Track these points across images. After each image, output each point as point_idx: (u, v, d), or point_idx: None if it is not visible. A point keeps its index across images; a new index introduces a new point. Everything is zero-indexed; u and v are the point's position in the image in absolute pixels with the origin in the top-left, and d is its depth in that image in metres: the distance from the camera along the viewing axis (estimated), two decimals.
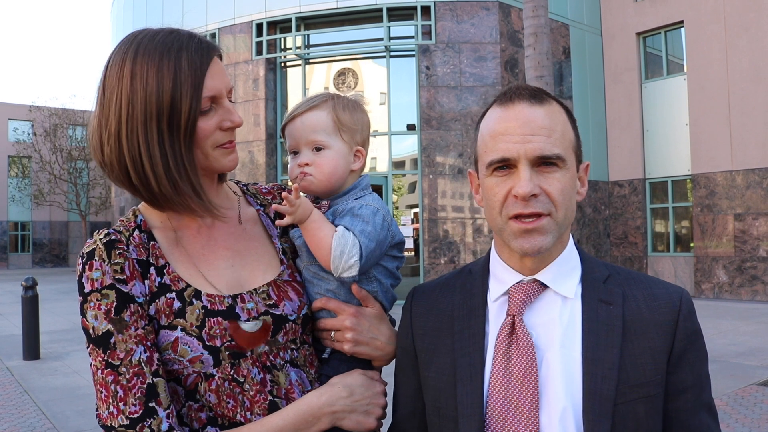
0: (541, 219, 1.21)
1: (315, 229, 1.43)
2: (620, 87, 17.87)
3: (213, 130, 1.34)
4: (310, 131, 1.50)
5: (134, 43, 1.30)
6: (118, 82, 1.27)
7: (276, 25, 16.44)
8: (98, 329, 1.24)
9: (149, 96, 1.26)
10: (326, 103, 1.53)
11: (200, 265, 1.38)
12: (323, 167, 1.50)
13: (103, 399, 1.23)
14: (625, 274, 1.32)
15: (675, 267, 16.86)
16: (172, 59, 1.28)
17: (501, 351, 1.24)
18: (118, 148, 1.28)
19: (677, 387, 1.22)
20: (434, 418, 1.33)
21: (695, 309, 1.28)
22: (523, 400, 1.19)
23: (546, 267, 1.28)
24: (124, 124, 1.27)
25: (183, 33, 1.34)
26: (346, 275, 1.41)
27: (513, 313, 1.26)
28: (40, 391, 7.74)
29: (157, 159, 1.28)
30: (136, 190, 1.32)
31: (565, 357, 1.21)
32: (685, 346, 1.23)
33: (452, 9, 15.15)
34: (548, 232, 1.21)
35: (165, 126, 1.27)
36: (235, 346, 1.31)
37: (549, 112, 1.23)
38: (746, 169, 15.33)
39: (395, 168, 15.81)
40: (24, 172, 39.24)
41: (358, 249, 1.40)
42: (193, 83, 1.28)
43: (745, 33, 15.34)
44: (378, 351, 1.49)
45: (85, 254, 1.29)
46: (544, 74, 9.96)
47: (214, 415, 1.31)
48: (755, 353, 8.99)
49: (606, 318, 1.23)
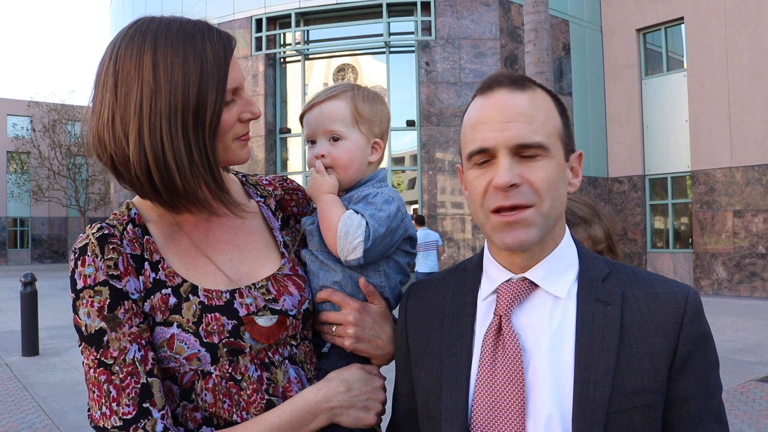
0: (523, 211, 1.12)
1: (326, 210, 1.42)
2: (620, 83, 17.85)
3: (234, 122, 1.30)
4: (328, 120, 1.48)
5: (150, 32, 1.23)
6: (137, 74, 1.20)
7: (275, 21, 16.41)
8: (91, 327, 1.20)
9: (174, 88, 1.19)
10: (346, 93, 1.50)
11: (198, 259, 1.34)
12: (340, 159, 1.47)
13: (96, 399, 1.19)
14: (628, 272, 1.22)
15: (674, 263, 16.86)
16: (197, 49, 1.22)
17: (487, 353, 1.18)
18: (139, 144, 1.20)
19: (680, 395, 1.12)
20: (424, 419, 1.28)
21: (703, 309, 1.17)
22: (508, 405, 1.13)
23: (537, 264, 1.20)
24: (146, 118, 1.19)
25: (200, 23, 1.29)
26: (351, 258, 1.38)
27: (500, 313, 1.19)
28: (39, 387, 7.73)
29: (182, 154, 1.21)
30: (156, 190, 1.25)
31: (555, 361, 1.13)
32: (689, 351, 1.12)
33: (452, 5, 15.12)
34: (532, 224, 1.13)
35: (191, 120, 1.21)
36: (234, 343, 1.27)
37: (531, 99, 1.15)
38: (746, 165, 15.32)
39: (395, 164, 15.81)
40: (23, 167, 39.20)
41: (363, 230, 1.37)
42: (218, 75, 1.24)
43: (745, 30, 15.31)
44: (378, 350, 1.45)
45: (77, 249, 1.24)
46: (544, 70, 9.94)
47: (210, 415, 1.27)
48: (754, 349, 8.99)
49: (602, 319, 1.14)
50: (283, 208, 1.56)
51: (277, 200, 1.56)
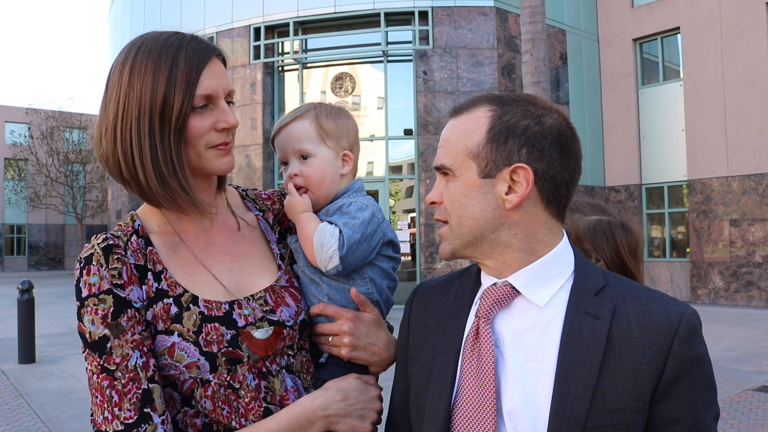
0: (443, 226, 1.27)
1: (303, 227, 1.48)
2: (617, 93, 17.92)
3: (207, 130, 1.34)
4: (295, 141, 1.55)
5: (137, 43, 1.33)
6: (118, 79, 1.31)
7: (274, 30, 16.46)
8: (95, 334, 1.24)
9: (144, 91, 1.28)
10: (309, 112, 1.57)
11: (199, 270, 1.39)
12: (311, 176, 1.53)
13: (98, 404, 1.23)
14: (624, 287, 1.21)
15: (671, 272, 16.88)
16: (170, 57, 1.30)
17: (467, 354, 1.21)
18: (113, 140, 1.31)
19: (665, 417, 1.11)
20: (413, 414, 1.32)
21: (700, 331, 1.14)
22: (481, 407, 1.15)
23: (520, 270, 1.20)
24: (119, 117, 1.29)
25: (186, 34, 1.36)
26: (330, 267, 1.43)
27: (480, 315, 1.21)
28: (35, 394, 7.71)
29: (146, 152, 1.29)
30: (127, 183, 1.34)
31: (533, 371, 1.14)
32: (678, 373, 1.10)
33: (450, 14, 15.19)
34: (446, 238, 1.26)
35: (157, 121, 1.29)
36: (233, 353, 1.31)
37: (457, 123, 1.25)
38: (742, 175, 15.37)
39: (392, 172, 15.83)
40: (20, 174, 39.15)
41: (336, 239, 1.42)
42: (187, 80, 1.30)
43: (741, 40, 15.40)
44: (375, 357, 1.48)
45: (83, 259, 1.29)
46: (541, 80, 9.99)
47: (210, 421, 1.31)
48: (751, 359, 9.00)
49: (589, 333, 1.13)
50: (281, 222, 1.61)
51: (275, 214, 1.61)
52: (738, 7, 15.46)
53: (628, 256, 1.73)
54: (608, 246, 1.72)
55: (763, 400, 6.81)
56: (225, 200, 1.53)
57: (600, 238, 1.72)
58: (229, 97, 1.39)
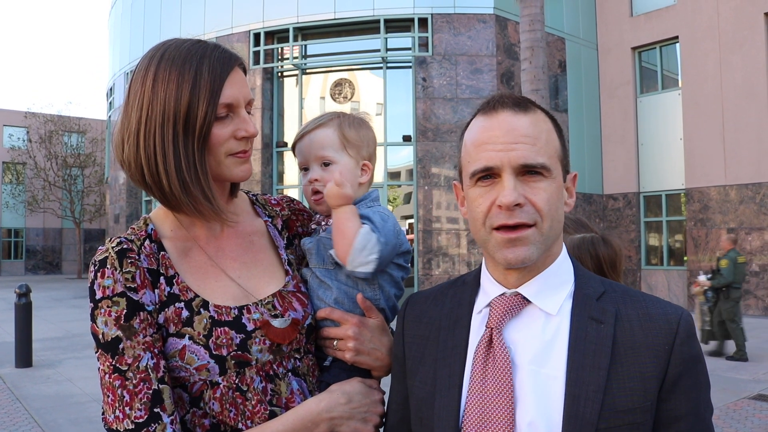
0: (525, 230, 1.16)
1: (344, 219, 1.48)
2: (615, 101, 17.99)
3: (227, 138, 1.37)
4: (318, 147, 1.58)
5: (160, 50, 1.36)
6: (142, 86, 1.33)
7: (273, 35, 16.50)
8: (108, 335, 1.27)
9: (168, 99, 1.31)
10: (333, 121, 1.60)
11: (210, 275, 1.42)
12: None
13: (110, 403, 1.26)
14: (622, 292, 1.24)
15: (668, 280, 16.91)
16: (194, 66, 1.33)
17: (478, 364, 1.20)
18: (136, 146, 1.33)
19: (670, 415, 1.14)
20: (417, 427, 1.31)
21: (696, 332, 1.20)
22: (497, 417, 1.15)
23: (530, 280, 1.22)
24: (143, 124, 1.32)
25: (209, 43, 1.40)
26: (360, 270, 1.46)
27: (492, 325, 1.21)
28: (32, 399, 7.70)
29: (170, 159, 1.32)
30: (150, 188, 1.37)
31: (544, 377, 1.16)
32: (680, 372, 1.14)
33: (449, 21, 15.24)
34: (532, 243, 1.16)
35: (180, 128, 1.32)
36: (242, 356, 1.34)
37: (533, 121, 1.19)
38: (739, 183, 15.43)
39: (391, 179, 15.85)
40: (18, 178, 39.07)
41: (379, 249, 1.45)
42: (210, 89, 1.33)
43: (739, 49, 15.48)
44: (378, 361, 1.51)
45: (97, 262, 1.32)
46: (540, 88, 10.03)
47: (217, 422, 1.34)
48: (747, 367, 9.02)
49: (595, 337, 1.16)
50: (289, 228, 1.64)
51: (284, 220, 1.64)
52: (736, 17, 15.55)
53: (609, 269, 1.84)
54: (591, 261, 1.83)
55: (759, 409, 6.82)
56: (236, 206, 1.55)
57: (585, 255, 1.83)
58: (249, 106, 1.42)
